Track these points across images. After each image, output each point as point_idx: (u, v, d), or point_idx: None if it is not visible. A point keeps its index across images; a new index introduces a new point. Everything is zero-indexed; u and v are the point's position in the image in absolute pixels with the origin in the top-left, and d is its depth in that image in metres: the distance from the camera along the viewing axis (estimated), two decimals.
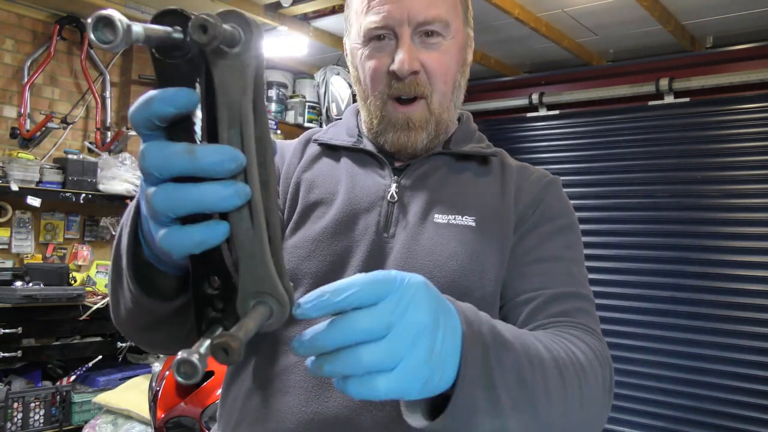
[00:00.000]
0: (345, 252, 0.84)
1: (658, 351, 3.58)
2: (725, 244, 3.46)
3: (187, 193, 0.42)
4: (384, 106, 0.88)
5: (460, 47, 0.91)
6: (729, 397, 3.34)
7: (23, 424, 3.03)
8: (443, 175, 0.92)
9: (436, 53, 0.87)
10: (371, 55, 0.88)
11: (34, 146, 3.53)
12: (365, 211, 0.87)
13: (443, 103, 0.90)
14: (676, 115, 3.69)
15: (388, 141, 0.90)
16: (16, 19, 3.58)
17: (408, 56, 0.84)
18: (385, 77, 0.87)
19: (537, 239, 0.88)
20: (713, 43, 3.69)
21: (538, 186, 0.93)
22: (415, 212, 0.87)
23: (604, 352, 0.76)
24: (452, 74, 0.90)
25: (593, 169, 3.95)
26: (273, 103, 4.57)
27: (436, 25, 0.85)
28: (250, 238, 0.43)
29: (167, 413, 2.11)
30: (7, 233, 3.47)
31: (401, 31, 0.85)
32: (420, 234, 0.85)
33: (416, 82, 0.86)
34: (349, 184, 0.89)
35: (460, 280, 0.82)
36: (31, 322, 3.10)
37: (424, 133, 0.89)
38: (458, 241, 0.85)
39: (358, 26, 0.89)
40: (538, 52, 4.00)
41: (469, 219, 0.87)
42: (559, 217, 0.91)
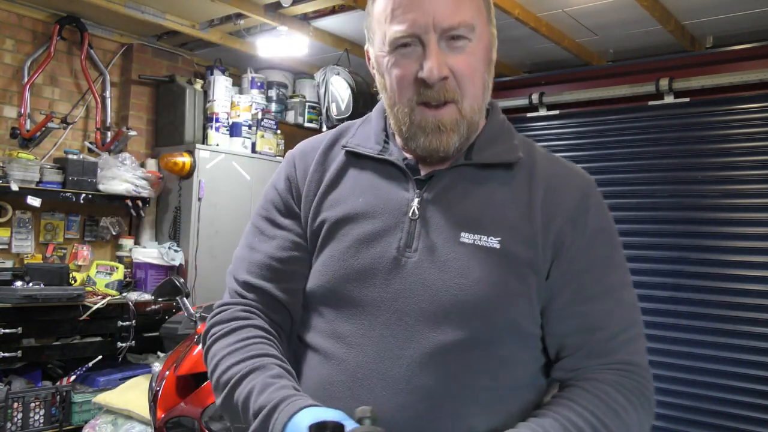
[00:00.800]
0: (369, 271, 0.88)
1: (658, 351, 3.58)
2: (725, 244, 3.46)
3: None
4: (412, 112, 0.88)
5: (486, 47, 0.90)
6: (729, 397, 3.34)
7: (23, 424, 3.04)
8: (465, 187, 0.91)
9: (463, 56, 0.86)
10: (398, 63, 0.87)
11: (34, 146, 3.53)
12: (388, 229, 0.89)
13: (474, 106, 0.89)
14: (676, 115, 3.69)
15: (420, 145, 0.89)
16: (16, 19, 3.58)
17: (437, 63, 0.83)
18: (413, 84, 0.86)
19: (582, 272, 0.89)
20: (713, 43, 3.69)
21: (573, 204, 0.91)
22: (439, 230, 0.88)
23: (639, 387, 0.87)
24: (480, 75, 0.90)
25: (593, 169, 3.92)
26: (273, 103, 4.57)
27: (462, 29, 0.85)
28: None
29: (167, 413, 2.11)
30: (7, 233, 3.47)
31: (427, 38, 0.84)
32: (447, 254, 0.87)
33: (445, 88, 0.86)
34: (372, 200, 0.91)
35: (485, 306, 0.85)
36: (31, 322, 3.10)
37: (455, 136, 0.88)
38: (483, 265, 0.86)
39: (382, 34, 0.88)
40: (538, 52, 4.00)
41: (494, 240, 0.87)
42: (600, 238, 0.91)
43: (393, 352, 0.84)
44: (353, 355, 0.86)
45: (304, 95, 4.64)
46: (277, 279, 0.94)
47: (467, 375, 0.84)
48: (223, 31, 3.87)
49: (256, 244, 0.98)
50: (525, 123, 4.28)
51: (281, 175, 1.00)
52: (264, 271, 0.95)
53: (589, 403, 0.83)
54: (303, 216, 0.96)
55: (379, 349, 0.85)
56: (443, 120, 0.87)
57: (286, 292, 0.94)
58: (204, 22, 3.73)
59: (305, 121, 4.61)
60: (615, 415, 0.82)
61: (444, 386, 0.83)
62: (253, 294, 0.95)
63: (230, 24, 3.69)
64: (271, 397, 0.79)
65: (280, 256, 0.95)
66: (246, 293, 0.96)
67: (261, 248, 0.97)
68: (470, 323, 0.84)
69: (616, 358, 0.88)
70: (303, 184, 0.97)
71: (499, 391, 0.86)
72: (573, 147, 4.05)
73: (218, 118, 4.09)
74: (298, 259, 0.95)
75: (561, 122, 4.13)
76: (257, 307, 0.95)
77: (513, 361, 0.87)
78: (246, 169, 4.12)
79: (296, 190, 0.98)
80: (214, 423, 2.03)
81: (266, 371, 0.84)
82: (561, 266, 0.88)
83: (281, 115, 4.60)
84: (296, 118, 4.60)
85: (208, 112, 4.12)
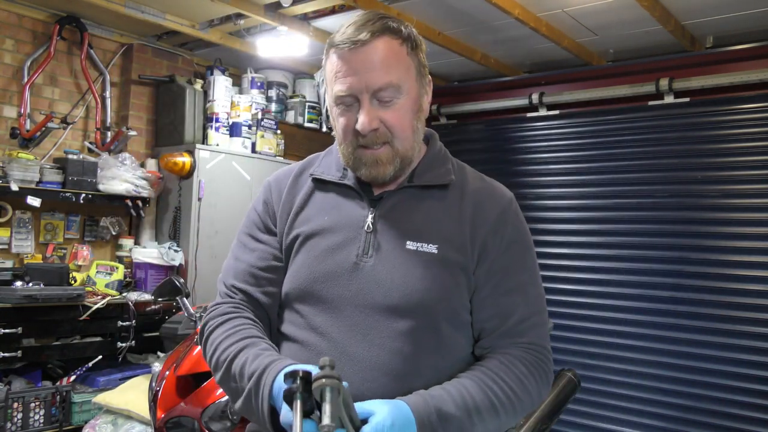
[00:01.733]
0: (334, 274, 1.09)
1: (658, 351, 3.58)
2: (725, 244, 3.46)
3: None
4: (354, 151, 1.10)
5: (414, 100, 1.10)
6: (728, 397, 3.34)
7: (23, 424, 3.04)
8: (410, 204, 1.13)
9: (391, 111, 1.07)
10: (342, 113, 1.09)
11: (34, 146, 3.53)
12: (349, 240, 1.11)
13: (405, 145, 1.10)
14: (676, 115, 3.69)
15: (362, 174, 1.12)
16: (16, 19, 3.58)
17: (368, 118, 1.05)
18: (352, 132, 1.08)
19: (499, 272, 1.11)
20: (713, 43, 3.69)
21: (495, 217, 1.14)
22: (388, 240, 1.10)
23: (538, 362, 1.10)
24: (409, 123, 1.10)
25: (593, 169, 3.94)
26: (273, 103, 4.57)
27: (390, 90, 1.05)
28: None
29: (167, 413, 2.11)
30: (7, 233, 3.47)
31: (362, 97, 1.05)
32: (395, 259, 1.08)
33: (377, 136, 1.07)
34: (336, 217, 1.13)
35: (426, 299, 1.06)
36: (31, 322, 3.10)
37: (390, 167, 1.10)
38: (424, 266, 1.08)
39: (330, 90, 1.10)
40: (538, 52, 4.00)
41: (433, 247, 1.09)
42: (516, 244, 1.14)
43: (357, 338, 1.05)
44: (325, 342, 1.07)
45: (304, 95, 4.64)
46: (258, 284, 1.16)
47: (418, 354, 1.05)
48: (223, 31, 3.87)
49: (241, 256, 1.20)
50: (525, 123, 4.28)
51: (260, 199, 1.23)
52: (247, 277, 1.17)
53: (499, 370, 1.05)
54: (279, 232, 1.18)
55: (346, 336, 1.06)
56: (380, 156, 1.08)
57: (266, 295, 1.16)
58: (204, 22, 3.73)
59: (305, 121, 4.61)
60: (518, 380, 1.05)
61: (400, 364, 1.04)
62: (240, 295, 1.17)
63: (230, 24, 3.69)
64: (261, 362, 1.00)
65: (261, 265, 1.17)
66: (234, 294, 1.17)
67: (245, 259, 1.19)
68: (417, 312, 1.06)
69: (523, 339, 1.11)
70: (278, 206, 1.19)
71: (442, 367, 1.07)
72: (573, 147, 4.05)
73: (218, 118, 4.09)
74: (276, 268, 1.17)
75: (561, 122, 4.13)
76: (244, 305, 1.16)
77: (452, 343, 1.09)
78: (246, 169, 4.12)
79: (272, 211, 1.20)
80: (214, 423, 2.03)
81: (256, 346, 1.05)
82: (484, 266, 1.11)
83: (281, 115, 4.60)
84: (296, 118, 4.60)
85: (208, 112, 4.12)
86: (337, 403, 0.76)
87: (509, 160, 4.32)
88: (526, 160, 4.25)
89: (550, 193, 4.10)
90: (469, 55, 3.99)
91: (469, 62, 4.16)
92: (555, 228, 4.03)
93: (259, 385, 0.97)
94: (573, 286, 3.91)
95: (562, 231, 4.01)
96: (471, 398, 0.99)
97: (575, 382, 2.32)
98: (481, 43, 3.93)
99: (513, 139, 4.34)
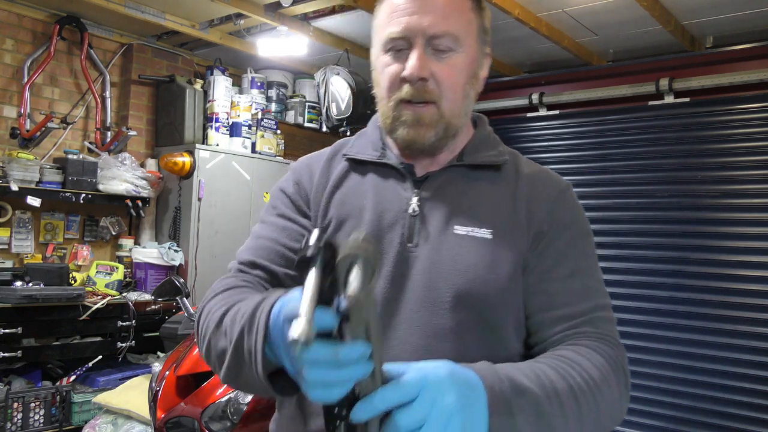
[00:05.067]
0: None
1: (658, 351, 3.58)
2: (725, 244, 3.46)
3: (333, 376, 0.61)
4: (396, 106, 0.96)
5: (471, 61, 0.98)
6: (728, 397, 3.34)
7: (23, 424, 3.04)
8: (460, 186, 1.00)
9: (445, 65, 0.94)
10: (389, 62, 0.96)
11: (34, 146, 3.53)
12: (390, 225, 0.96)
13: (453, 110, 0.97)
14: (676, 115, 3.69)
15: (399, 136, 0.97)
16: (16, 19, 3.58)
17: (418, 63, 0.92)
18: (398, 82, 0.95)
19: (555, 256, 0.97)
20: (713, 43, 3.69)
21: (552, 201, 1.00)
22: (435, 224, 0.96)
23: (618, 357, 0.90)
24: (461, 85, 0.97)
25: (593, 169, 3.94)
26: (273, 103, 4.57)
27: (447, 38, 0.93)
28: (371, 387, 0.63)
29: (167, 413, 2.11)
30: (7, 233, 3.47)
31: (416, 41, 0.93)
32: (441, 245, 0.95)
33: (425, 89, 0.94)
34: (375, 199, 0.99)
35: (478, 288, 0.92)
36: (31, 322, 3.09)
37: (432, 131, 0.96)
38: (476, 252, 0.94)
39: (379, 36, 0.98)
40: (538, 52, 4.00)
41: (486, 231, 0.96)
42: (572, 230, 1.00)
43: (399, 338, 0.90)
44: None
45: (304, 95, 4.64)
46: (283, 263, 0.98)
47: (468, 356, 0.86)
48: (223, 31, 3.87)
49: (264, 233, 1.02)
50: (525, 123, 4.28)
51: (289, 180, 1.08)
52: (271, 254, 0.99)
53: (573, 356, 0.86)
54: (312, 215, 1.03)
55: (389, 337, 0.90)
56: (422, 116, 0.95)
57: (289, 278, 0.97)
58: (204, 22, 3.73)
59: (305, 121, 4.61)
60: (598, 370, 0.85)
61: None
62: (257, 271, 0.98)
63: (230, 24, 3.70)
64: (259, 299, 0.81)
65: (289, 245, 0.99)
66: (249, 270, 0.99)
67: (269, 235, 1.01)
68: (468, 306, 0.91)
69: (594, 330, 0.92)
70: (311, 187, 1.04)
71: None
72: (573, 147, 4.05)
73: (218, 118, 4.09)
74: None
75: (561, 122, 4.13)
76: (259, 282, 0.97)
77: (507, 342, 0.94)
78: (246, 169, 4.12)
79: (305, 192, 1.05)
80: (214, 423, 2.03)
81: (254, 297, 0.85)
82: (538, 251, 0.97)
83: (281, 115, 4.60)
84: (296, 118, 4.60)
85: (208, 112, 4.12)
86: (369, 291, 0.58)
87: None
88: None
89: None
90: None
91: None
92: None
93: (254, 318, 0.77)
94: None
95: None
96: (546, 377, 0.79)
97: None
98: None
99: (513, 139, 4.33)
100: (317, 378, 0.61)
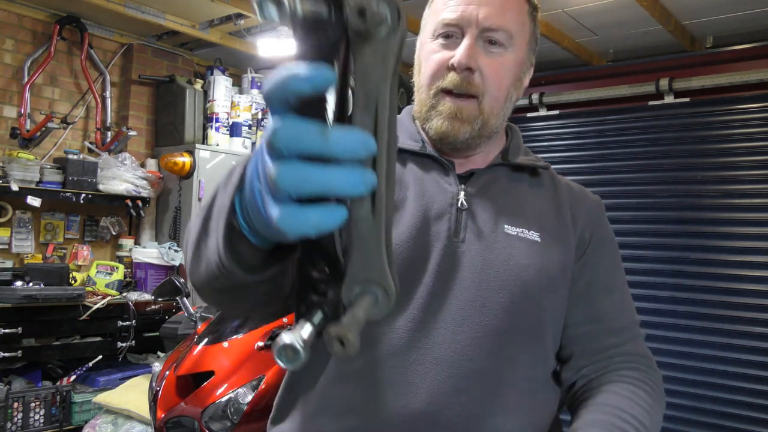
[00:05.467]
0: (421, 256, 0.88)
1: (658, 351, 3.56)
2: (725, 244, 3.46)
3: (315, 174, 0.39)
4: (435, 95, 0.93)
5: (520, 63, 0.96)
6: (729, 397, 3.34)
7: (23, 424, 3.04)
8: (504, 185, 0.98)
9: (494, 60, 0.92)
10: (436, 49, 0.93)
11: (34, 146, 3.53)
12: (436, 218, 0.91)
13: (494, 108, 0.93)
14: (676, 115, 3.69)
15: (433, 127, 0.93)
16: (16, 19, 3.58)
17: (468, 52, 0.89)
18: (443, 70, 0.91)
19: (596, 268, 0.98)
20: (713, 43, 3.69)
21: (592, 211, 1.03)
22: (485, 221, 0.93)
23: (657, 378, 0.98)
24: (506, 84, 0.94)
25: (593, 169, 3.94)
26: None
27: (501, 33, 0.91)
28: (368, 226, 0.42)
29: (167, 413, 2.11)
30: (7, 233, 3.47)
31: (468, 30, 0.90)
32: (494, 243, 0.91)
33: (469, 81, 0.90)
34: (418, 190, 0.93)
35: (533, 292, 0.90)
36: (31, 322, 3.10)
37: (469, 127, 0.92)
38: (528, 254, 0.91)
39: (432, 22, 0.95)
40: (538, 52, 3.98)
41: (535, 234, 0.93)
42: (610, 243, 1.02)
43: (444, 336, 0.85)
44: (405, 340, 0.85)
45: None
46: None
47: (514, 361, 0.87)
48: (223, 31, 3.87)
49: None
50: (525, 123, 4.28)
51: None
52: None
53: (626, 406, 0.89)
54: None
55: (432, 335, 0.85)
56: (462, 109, 0.91)
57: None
58: (204, 22, 3.73)
59: None
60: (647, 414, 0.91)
61: (494, 371, 0.86)
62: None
63: (230, 24, 3.69)
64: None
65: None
66: None
67: None
68: (518, 308, 0.88)
69: (633, 351, 0.97)
70: None
71: (535, 382, 0.91)
72: (573, 147, 4.05)
73: (218, 118, 4.09)
74: None
75: (561, 122, 4.13)
76: None
77: (549, 352, 0.93)
78: None
79: None
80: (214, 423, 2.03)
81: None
82: (582, 260, 0.97)
83: None
84: None
85: (208, 112, 4.12)
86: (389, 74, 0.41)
87: None
88: None
89: None
90: None
91: None
92: None
93: (231, 175, 0.59)
94: None
95: None
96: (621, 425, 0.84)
97: None
98: None
99: None
100: (290, 174, 0.39)
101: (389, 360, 0.85)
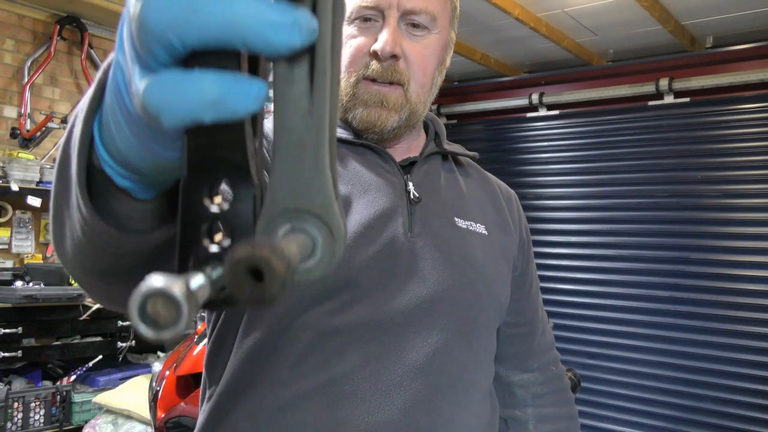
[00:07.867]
0: (378, 255, 0.80)
1: (658, 351, 3.58)
2: (725, 244, 3.46)
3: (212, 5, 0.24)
4: (357, 84, 0.84)
5: (443, 46, 0.89)
6: (729, 397, 3.34)
7: (23, 424, 3.03)
8: (443, 175, 0.93)
9: (418, 45, 0.85)
10: (355, 34, 0.84)
11: (34, 146, 3.53)
12: (389, 212, 0.83)
13: (420, 95, 0.87)
14: (676, 115, 3.69)
15: (357, 116, 0.85)
16: (16, 19, 3.58)
17: (392, 38, 0.81)
18: (364, 57, 0.84)
19: (528, 266, 0.99)
20: (713, 43, 3.69)
21: (519, 207, 1.01)
22: (436, 213, 0.87)
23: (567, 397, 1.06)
24: (431, 69, 0.87)
25: (593, 169, 3.95)
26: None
27: (424, 16, 0.84)
28: (302, 115, 0.26)
29: (167, 413, 2.11)
30: (7, 233, 3.47)
31: (389, 13, 0.82)
32: (449, 238, 0.85)
33: (394, 68, 0.83)
34: (361, 183, 0.85)
35: (493, 288, 0.88)
36: (31, 322, 3.10)
37: (396, 116, 0.85)
38: (480, 247, 0.88)
39: (349, 4, 0.86)
40: (538, 52, 4.00)
41: (482, 227, 0.90)
42: (530, 238, 1.01)
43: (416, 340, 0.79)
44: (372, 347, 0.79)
45: None
46: None
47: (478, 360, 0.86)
48: None
49: None
50: (525, 123, 4.28)
51: None
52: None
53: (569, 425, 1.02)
54: None
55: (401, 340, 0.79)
56: (387, 97, 0.84)
57: None
58: None
59: None
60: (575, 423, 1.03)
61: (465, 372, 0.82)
62: None
63: None
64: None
65: None
66: None
67: None
68: (482, 305, 0.85)
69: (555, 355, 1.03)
70: None
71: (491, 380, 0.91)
72: (573, 147, 4.05)
73: None
74: None
75: (561, 122, 4.14)
76: None
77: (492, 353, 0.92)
78: None
79: None
80: None
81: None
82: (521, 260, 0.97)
83: None
84: None
85: None
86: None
87: (509, 160, 4.32)
88: (526, 160, 4.25)
89: (550, 193, 4.11)
90: (469, 55, 3.99)
91: (469, 62, 4.16)
92: (555, 228, 4.03)
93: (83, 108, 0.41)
94: (573, 286, 3.91)
95: (562, 231, 4.01)
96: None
97: (575, 382, 2.31)
98: (481, 43, 3.93)
99: (513, 139, 4.34)
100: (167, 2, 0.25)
101: (357, 371, 0.76)
